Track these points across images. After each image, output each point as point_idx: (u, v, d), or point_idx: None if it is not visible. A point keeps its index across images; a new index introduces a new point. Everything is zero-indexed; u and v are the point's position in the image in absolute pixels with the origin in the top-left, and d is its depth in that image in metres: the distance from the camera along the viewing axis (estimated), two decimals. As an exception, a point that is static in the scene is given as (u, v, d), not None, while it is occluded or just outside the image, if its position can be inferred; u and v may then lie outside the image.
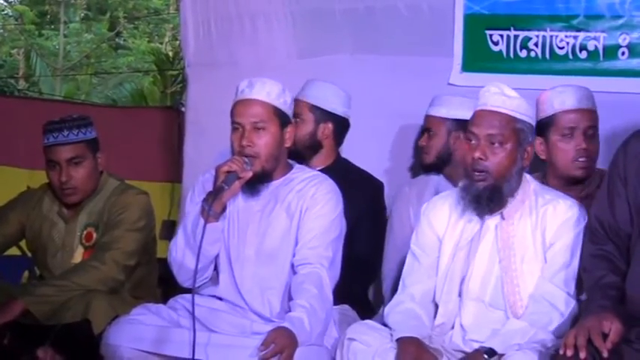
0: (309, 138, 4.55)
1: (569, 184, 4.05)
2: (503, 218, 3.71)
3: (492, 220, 3.72)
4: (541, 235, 3.67)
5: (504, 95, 3.68)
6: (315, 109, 4.56)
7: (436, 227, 3.82)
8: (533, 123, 3.75)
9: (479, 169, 3.65)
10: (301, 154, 4.41)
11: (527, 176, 3.78)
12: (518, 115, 3.67)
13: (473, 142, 3.67)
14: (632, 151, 3.49)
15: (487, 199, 3.66)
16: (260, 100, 3.90)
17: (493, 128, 3.64)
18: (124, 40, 22.11)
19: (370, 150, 4.96)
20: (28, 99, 13.11)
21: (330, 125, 4.59)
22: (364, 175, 4.64)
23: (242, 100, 3.92)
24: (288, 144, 3.98)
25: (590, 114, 4.08)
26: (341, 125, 4.64)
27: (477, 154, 3.64)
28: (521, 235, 3.69)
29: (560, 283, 3.60)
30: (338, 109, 4.62)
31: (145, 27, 22.18)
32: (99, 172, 4.57)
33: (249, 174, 3.82)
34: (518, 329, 3.52)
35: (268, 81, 3.94)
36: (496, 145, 3.64)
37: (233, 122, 3.92)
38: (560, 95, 4.09)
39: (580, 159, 4.05)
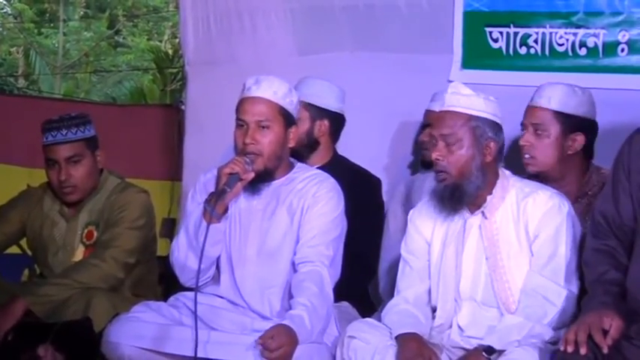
0: (306, 136, 4.54)
1: (546, 181, 4.02)
2: (485, 217, 3.72)
3: (475, 220, 3.73)
4: (524, 229, 3.68)
5: (459, 94, 3.71)
6: (309, 106, 4.54)
7: (423, 232, 3.85)
8: (495, 119, 3.73)
9: (439, 170, 3.69)
10: (299, 152, 4.40)
11: (505, 172, 3.79)
12: (473, 112, 3.68)
13: (433, 142, 3.71)
14: (636, 147, 3.49)
15: (449, 198, 3.69)
16: (266, 98, 3.88)
17: (446, 128, 3.67)
18: (124, 38, 22.09)
19: (370, 147, 4.96)
20: (27, 97, 13.14)
21: (326, 122, 4.59)
22: (362, 171, 4.64)
23: (248, 98, 3.91)
24: (291, 144, 3.97)
25: (538, 111, 4.04)
26: (337, 121, 4.64)
27: (435, 155, 3.69)
28: (505, 231, 3.70)
29: (549, 275, 3.61)
30: (333, 105, 4.61)
31: (145, 25, 22.16)
32: (98, 170, 4.57)
33: (251, 175, 3.82)
34: (514, 325, 3.53)
35: (276, 80, 3.93)
36: (451, 143, 3.66)
37: (238, 119, 3.91)
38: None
39: (525, 155, 4.06)
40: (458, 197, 3.69)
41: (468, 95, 3.71)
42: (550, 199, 3.70)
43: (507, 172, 3.79)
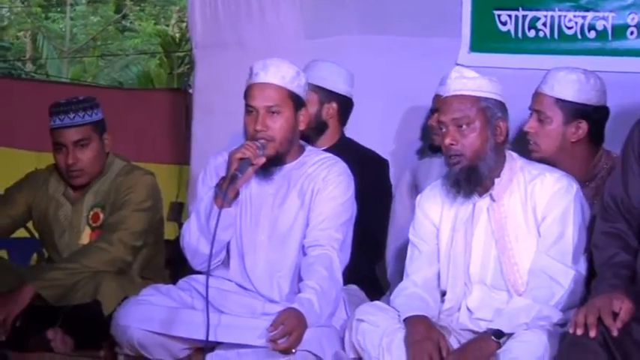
0: (315, 119, 4.53)
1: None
2: (493, 200, 3.72)
3: (483, 203, 3.74)
4: (532, 211, 3.68)
5: (464, 78, 3.72)
6: (318, 89, 4.54)
7: (431, 216, 3.85)
8: (501, 99, 3.73)
9: (452, 154, 3.68)
10: (307, 135, 4.40)
11: (512, 154, 3.79)
12: (481, 94, 3.69)
13: (443, 130, 3.71)
14: None
15: (465, 180, 3.69)
16: (275, 84, 3.88)
17: (457, 112, 3.68)
18: (131, 23, 22.09)
19: (377, 131, 4.95)
20: (35, 81, 13.13)
21: (334, 105, 4.59)
22: (369, 153, 4.64)
23: (256, 84, 3.90)
24: (302, 127, 3.97)
25: (542, 98, 4.03)
26: (345, 104, 4.63)
27: (448, 141, 3.68)
28: (513, 214, 3.70)
29: (556, 256, 3.62)
30: (341, 88, 4.61)
31: (152, 9, 22.14)
32: (105, 154, 4.57)
33: (262, 160, 3.82)
34: (522, 307, 3.54)
35: (283, 64, 3.92)
36: (464, 127, 3.67)
37: (247, 105, 3.90)
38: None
39: (529, 141, 4.05)
40: (474, 180, 3.69)
41: (473, 78, 3.72)
42: (558, 180, 3.70)
43: (514, 155, 3.79)
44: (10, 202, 4.65)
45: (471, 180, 3.69)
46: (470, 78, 3.71)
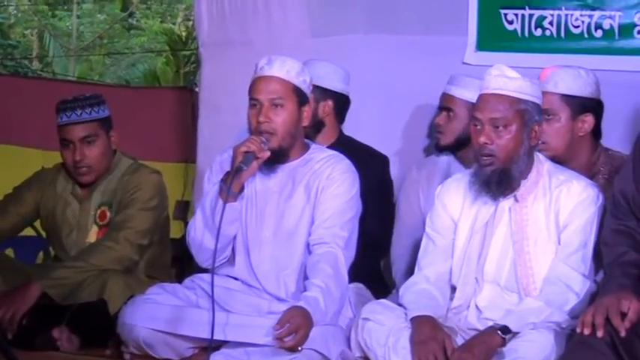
0: (311, 117, 4.54)
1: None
2: (517, 201, 3.70)
3: (506, 203, 3.71)
4: (554, 218, 3.66)
5: (505, 77, 3.66)
6: (313, 88, 4.54)
7: (451, 210, 3.82)
8: (539, 102, 3.71)
9: (485, 154, 3.64)
10: (305, 134, 4.40)
11: (540, 156, 3.76)
12: (521, 96, 3.64)
13: (478, 127, 3.66)
14: None
15: (496, 183, 3.66)
16: (279, 77, 3.89)
17: (496, 112, 3.63)
18: (137, 21, 22.10)
19: (384, 129, 4.95)
20: (41, 79, 13.14)
21: (330, 103, 4.60)
22: (368, 150, 4.65)
23: (261, 77, 3.91)
24: (305, 123, 3.98)
25: (547, 96, 3.95)
26: (341, 102, 4.64)
27: (482, 139, 3.64)
28: (535, 217, 3.68)
29: (574, 265, 3.60)
30: (337, 86, 4.62)
31: (158, 7, 22.17)
32: (112, 151, 4.57)
33: (267, 154, 3.82)
34: (533, 308, 3.53)
35: (288, 59, 3.94)
36: (500, 128, 3.62)
37: (251, 99, 3.92)
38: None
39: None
40: (506, 183, 3.66)
41: (514, 78, 3.66)
42: (584, 190, 3.68)
43: (542, 157, 3.76)
44: (19, 201, 4.66)
45: (502, 183, 3.66)
46: (511, 78, 3.66)
